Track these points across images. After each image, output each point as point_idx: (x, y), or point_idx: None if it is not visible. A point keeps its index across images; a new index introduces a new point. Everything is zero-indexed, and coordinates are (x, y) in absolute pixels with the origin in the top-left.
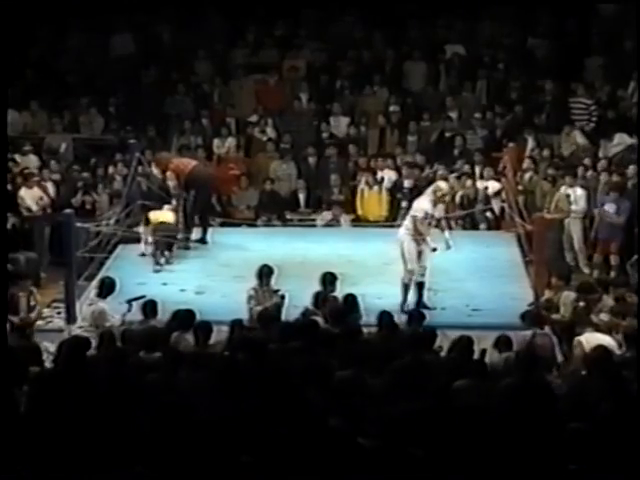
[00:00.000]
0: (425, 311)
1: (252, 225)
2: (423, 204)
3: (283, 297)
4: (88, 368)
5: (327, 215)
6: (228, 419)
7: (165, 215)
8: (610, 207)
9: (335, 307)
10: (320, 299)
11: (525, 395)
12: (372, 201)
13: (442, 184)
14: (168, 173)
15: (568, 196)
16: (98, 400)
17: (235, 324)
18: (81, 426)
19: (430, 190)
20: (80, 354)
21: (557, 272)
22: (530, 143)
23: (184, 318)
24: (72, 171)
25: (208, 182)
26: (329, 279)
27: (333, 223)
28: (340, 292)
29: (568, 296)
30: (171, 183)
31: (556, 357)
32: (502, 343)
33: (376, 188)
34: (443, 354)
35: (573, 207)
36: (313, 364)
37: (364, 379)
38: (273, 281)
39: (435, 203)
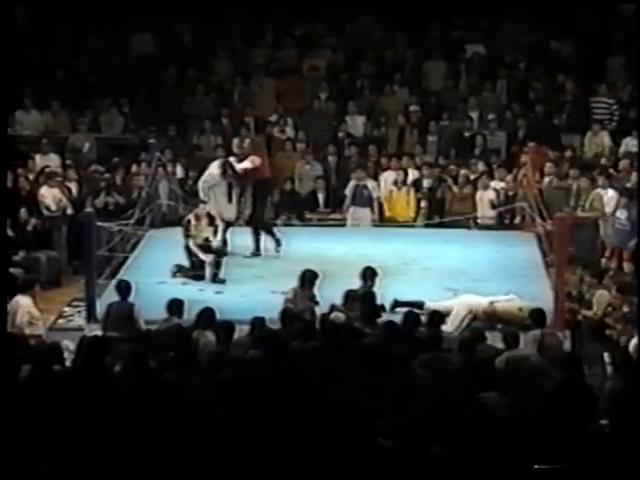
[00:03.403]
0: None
1: (272, 224)
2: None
3: (317, 303)
4: (107, 368)
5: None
6: (247, 418)
7: (207, 231)
8: (621, 214)
9: (370, 306)
10: (350, 297)
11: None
12: (401, 202)
13: None
14: (244, 165)
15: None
16: (118, 399)
17: (256, 323)
18: (100, 425)
19: None
20: (99, 353)
21: (591, 270)
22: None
23: (204, 316)
24: (94, 172)
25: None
26: (369, 274)
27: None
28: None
29: (602, 295)
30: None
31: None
32: (510, 340)
33: (404, 189)
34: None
35: (606, 209)
36: (330, 364)
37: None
38: (296, 281)
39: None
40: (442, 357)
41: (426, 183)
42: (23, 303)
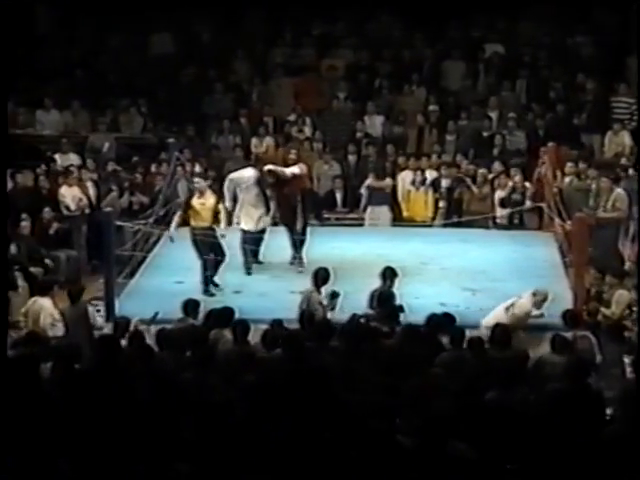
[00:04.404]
0: (463, 311)
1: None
2: None
3: (335, 297)
4: (121, 367)
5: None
6: (266, 418)
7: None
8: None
9: (391, 306)
10: (376, 297)
11: (573, 401)
12: (419, 202)
13: None
14: (295, 170)
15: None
16: (132, 399)
17: (275, 324)
18: (118, 424)
19: None
20: (108, 353)
21: (612, 270)
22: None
23: (223, 315)
24: (113, 172)
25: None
26: (389, 274)
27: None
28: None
29: (622, 295)
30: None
31: (595, 359)
32: (558, 344)
33: (422, 189)
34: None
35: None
36: (349, 364)
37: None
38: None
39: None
40: (462, 356)
41: (444, 183)
42: (45, 305)
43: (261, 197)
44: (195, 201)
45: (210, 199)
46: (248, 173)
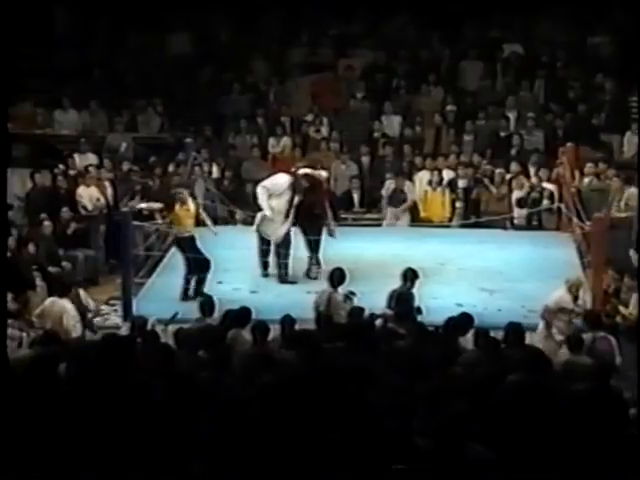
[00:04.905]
0: (480, 312)
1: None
2: None
3: (350, 298)
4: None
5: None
6: (281, 419)
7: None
8: None
9: (407, 306)
10: (395, 297)
11: (597, 403)
12: (436, 202)
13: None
14: (323, 174)
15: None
16: (148, 399)
17: (285, 322)
18: (134, 423)
19: None
20: (118, 353)
21: (629, 271)
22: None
23: (240, 315)
24: (129, 171)
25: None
26: (410, 275)
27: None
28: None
29: None
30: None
31: (615, 361)
32: (575, 344)
33: (439, 189)
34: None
35: None
36: (364, 364)
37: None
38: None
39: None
40: (485, 357)
41: (461, 183)
42: (67, 307)
43: (289, 203)
44: (178, 209)
45: (192, 205)
46: (282, 179)
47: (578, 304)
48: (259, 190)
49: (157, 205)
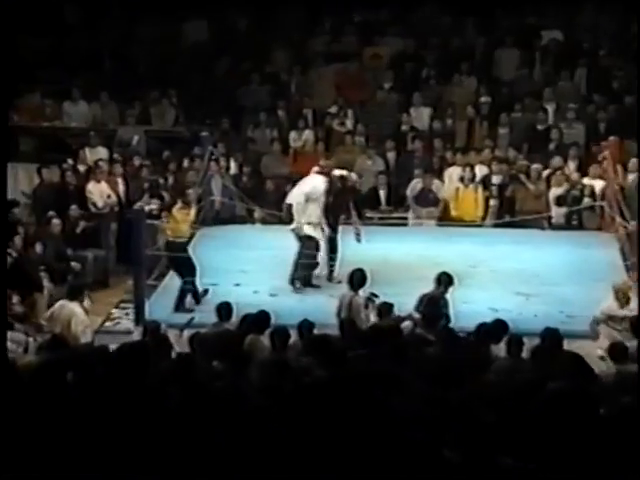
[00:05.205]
0: (516, 317)
1: None
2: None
3: (373, 301)
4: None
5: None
6: (303, 429)
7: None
8: None
9: (437, 311)
10: (425, 302)
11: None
12: (468, 200)
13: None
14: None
15: None
16: (164, 406)
17: (303, 327)
18: (147, 431)
19: None
20: (136, 361)
21: None
22: None
23: (259, 320)
24: (141, 166)
25: None
26: (444, 280)
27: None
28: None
29: None
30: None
31: None
32: (618, 352)
33: (472, 186)
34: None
35: None
36: (391, 372)
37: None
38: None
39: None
40: (519, 365)
41: (496, 179)
42: (77, 311)
43: (325, 206)
44: (178, 211)
45: (192, 210)
46: (317, 182)
47: (630, 309)
48: (300, 199)
49: (155, 204)
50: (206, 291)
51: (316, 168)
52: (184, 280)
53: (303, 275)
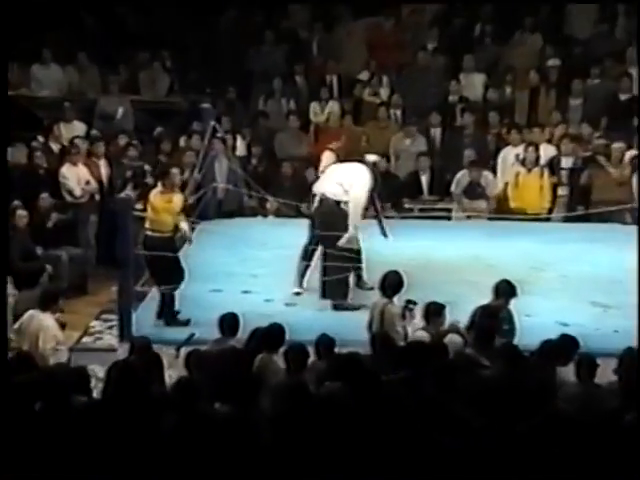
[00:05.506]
0: (591, 334)
1: None
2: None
3: (411, 309)
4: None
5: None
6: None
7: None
8: None
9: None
10: (477, 315)
11: None
12: (531, 188)
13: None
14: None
15: None
16: (158, 439)
17: (321, 343)
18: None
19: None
20: (131, 381)
21: None
22: None
23: (272, 336)
24: (127, 146)
25: None
26: (505, 289)
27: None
28: (478, 304)
29: None
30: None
31: None
32: None
33: (536, 170)
34: None
35: None
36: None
37: None
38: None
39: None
40: (593, 392)
41: (566, 162)
42: (47, 324)
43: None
44: (157, 196)
45: (177, 196)
46: (364, 170)
47: None
48: (364, 199)
49: (177, 171)
50: (191, 336)
51: (328, 152)
52: (161, 289)
53: (342, 292)
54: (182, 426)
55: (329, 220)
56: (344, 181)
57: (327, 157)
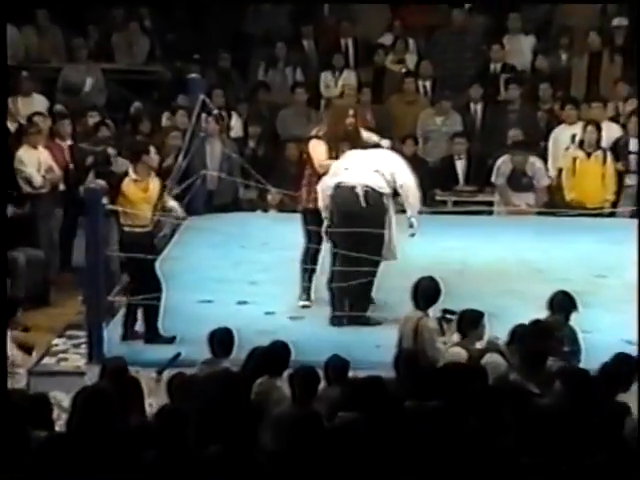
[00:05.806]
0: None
1: None
2: None
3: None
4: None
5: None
6: None
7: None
8: None
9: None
10: (528, 332)
11: None
12: (591, 176)
13: None
14: None
15: None
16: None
17: (331, 367)
18: None
19: None
20: (103, 411)
21: None
22: None
23: (274, 356)
24: (98, 125)
25: None
26: (563, 302)
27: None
28: (526, 318)
29: None
30: None
31: None
32: None
33: (597, 154)
34: None
35: None
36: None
37: None
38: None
39: None
40: None
41: (634, 145)
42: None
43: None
44: (130, 185)
45: (154, 184)
46: (397, 156)
47: None
48: (416, 191)
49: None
50: (176, 356)
51: (315, 141)
52: (140, 297)
53: (362, 306)
54: (164, 465)
55: (363, 215)
56: (384, 170)
57: (319, 147)
